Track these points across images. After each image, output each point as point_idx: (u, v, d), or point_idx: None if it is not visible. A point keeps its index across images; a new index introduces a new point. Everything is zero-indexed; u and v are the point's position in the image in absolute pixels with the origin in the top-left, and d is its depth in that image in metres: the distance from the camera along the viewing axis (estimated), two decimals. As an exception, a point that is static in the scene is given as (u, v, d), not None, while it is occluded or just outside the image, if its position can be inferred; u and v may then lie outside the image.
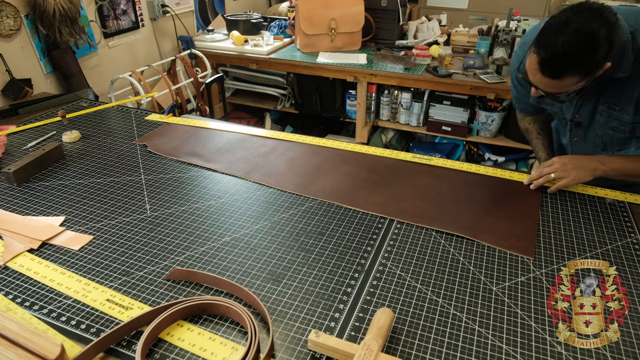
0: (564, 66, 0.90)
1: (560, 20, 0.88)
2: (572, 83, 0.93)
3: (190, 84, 2.72)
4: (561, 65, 0.90)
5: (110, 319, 0.78)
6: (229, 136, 1.43)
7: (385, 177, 1.21)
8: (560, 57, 0.89)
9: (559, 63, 0.90)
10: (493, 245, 0.96)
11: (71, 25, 1.93)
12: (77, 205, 1.10)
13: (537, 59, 0.93)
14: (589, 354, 0.73)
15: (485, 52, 2.62)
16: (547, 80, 0.94)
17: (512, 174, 1.23)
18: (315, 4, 2.56)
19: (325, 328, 0.77)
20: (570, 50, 0.87)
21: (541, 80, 0.96)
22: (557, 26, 0.88)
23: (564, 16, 0.89)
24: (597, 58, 0.88)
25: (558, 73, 0.91)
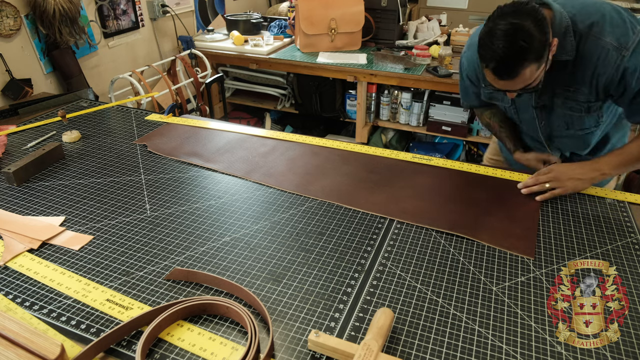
0: (515, 65, 0.94)
1: (488, 31, 0.94)
2: (534, 71, 0.95)
3: (190, 84, 2.72)
4: (512, 66, 0.94)
5: (110, 319, 0.78)
6: (229, 136, 1.43)
7: (385, 177, 1.21)
8: (506, 60, 0.93)
9: (509, 65, 0.94)
10: (493, 245, 0.96)
11: (71, 25, 1.93)
12: (77, 205, 1.10)
13: (491, 72, 0.97)
14: (589, 354, 0.73)
15: (485, 52, 2.61)
16: (510, 82, 0.98)
17: (512, 174, 1.23)
18: (315, 4, 2.56)
19: (325, 328, 0.77)
20: (511, 50, 0.92)
21: (506, 84, 0.99)
22: (488, 37, 0.94)
23: (487, 27, 0.95)
24: (537, 43, 0.92)
25: (514, 72, 0.95)
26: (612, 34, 0.99)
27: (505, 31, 0.91)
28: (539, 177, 1.12)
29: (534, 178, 1.13)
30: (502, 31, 0.92)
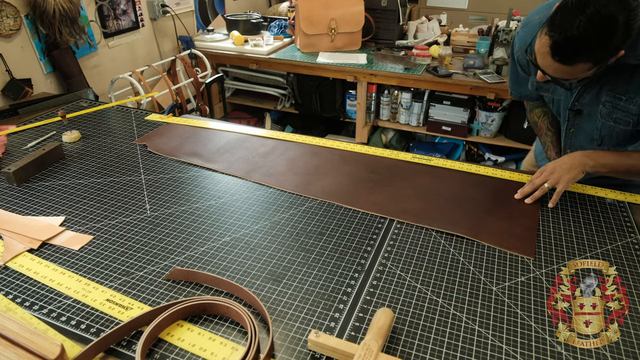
0: (578, 51, 0.84)
1: (579, 1, 0.82)
2: (583, 70, 0.88)
3: (190, 84, 2.72)
4: (575, 50, 0.84)
5: (110, 319, 0.78)
6: (229, 136, 1.43)
7: (385, 177, 1.21)
8: (575, 41, 0.83)
9: (573, 47, 0.84)
10: (493, 245, 0.96)
11: (71, 25, 1.93)
12: (77, 205, 1.10)
13: (550, 42, 0.86)
14: (589, 354, 0.73)
15: (485, 52, 2.62)
16: (557, 65, 0.88)
17: (512, 174, 1.23)
18: (315, 4, 2.56)
19: (325, 328, 0.77)
20: (586, 34, 0.81)
21: (551, 65, 0.90)
22: (575, 7, 0.82)
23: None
24: (613, 45, 0.83)
25: (570, 58, 0.86)
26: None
27: (594, 13, 0.80)
28: (534, 182, 1.08)
29: (530, 184, 1.08)
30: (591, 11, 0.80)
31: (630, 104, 0.96)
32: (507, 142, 2.59)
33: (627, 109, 0.97)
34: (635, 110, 0.96)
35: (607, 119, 1.01)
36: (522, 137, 2.53)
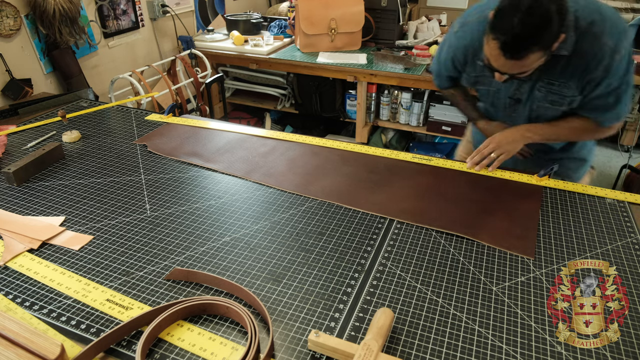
0: (526, 45, 0.92)
1: (512, 3, 0.91)
2: (536, 59, 0.95)
3: (190, 84, 2.72)
4: (523, 45, 0.92)
5: (110, 319, 0.79)
6: (229, 136, 1.43)
7: (385, 177, 1.21)
8: (520, 36, 0.91)
9: (520, 43, 0.91)
10: (493, 245, 0.96)
11: (71, 25, 1.93)
12: (77, 205, 1.10)
13: (498, 44, 0.94)
14: (589, 354, 0.73)
15: (485, 52, 2.61)
16: (512, 62, 0.96)
17: (512, 174, 1.23)
18: (315, 4, 2.56)
19: (325, 328, 0.77)
20: (528, 28, 0.89)
21: (505, 64, 0.98)
22: (510, 8, 0.91)
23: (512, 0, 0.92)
24: (552, 31, 0.91)
25: (521, 53, 0.93)
26: (611, 35, 1.00)
27: (529, 7, 0.89)
28: (482, 151, 1.18)
29: (479, 154, 1.19)
30: (526, 6, 0.89)
31: (563, 88, 1.09)
32: (507, 142, 2.59)
33: (561, 92, 1.10)
34: (569, 94, 1.09)
35: (543, 101, 1.14)
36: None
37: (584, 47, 1.01)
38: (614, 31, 1.00)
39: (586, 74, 1.05)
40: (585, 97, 1.10)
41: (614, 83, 1.05)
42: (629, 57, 1.04)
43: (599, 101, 1.09)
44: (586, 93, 1.08)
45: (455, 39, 1.20)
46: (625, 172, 2.78)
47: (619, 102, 1.09)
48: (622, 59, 1.02)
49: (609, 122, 1.14)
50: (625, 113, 1.11)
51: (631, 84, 1.07)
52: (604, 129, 1.15)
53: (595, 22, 1.00)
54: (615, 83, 1.05)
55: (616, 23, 1.01)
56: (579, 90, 1.09)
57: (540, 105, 1.15)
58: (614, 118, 1.13)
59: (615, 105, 1.09)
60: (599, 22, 1.00)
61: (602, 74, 1.03)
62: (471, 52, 1.17)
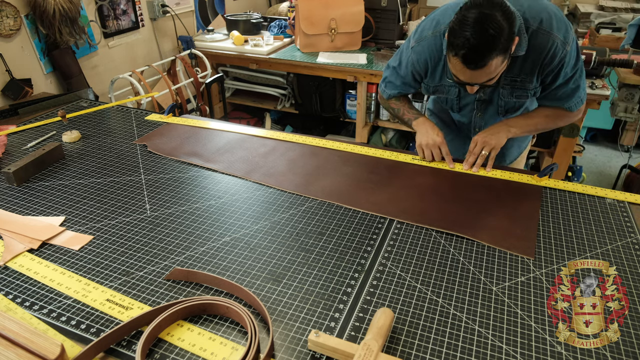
0: (484, 53, 0.97)
1: (460, 19, 0.98)
2: (498, 64, 1.01)
3: (190, 84, 2.72)
4: (482, 54, 0.97)
5: (110, 319, 0.78)
6: (229, 136, 1.43)
7: (385, 177, 1.21)
8: (478, 47, 0.96)
9: (479, 52, 0.97)
10: (493, 245, 0.96)
11: (71, 25, 1.93)
12: (77, 205, 1.10)
13: (460, 59, 1.00)
14: (589, 354, 0.73)
15: (485, 52, 2.61)
16: (477, 72, 1.02)
17: (512, 174, 1.23)
18: (315, 4, 2.56)
19: (325, 328, 0.77)
20: (482, 37, 0.95)
21: (472, 75, 1.03)
22: (459, 25, 0.97)
23: (459, 16, 0.98)
24: (504, 35, 0.96)
25: (482, 61, 0.98)
26: (559, 29, 1.09)
27: (476, 19, 0.95)
28: (474, 152, 1.24)
29: (472, 155, 1.24)
30: (473, 20, 0.95)
31: (526, 83, 1.18)
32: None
33: (524, 86, 1.19)
34: (531, 86, 1.18)
35: (509, 97, 1.23)
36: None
37: (538, 43, 1.09)
38: (561, 25, 1.09)
39: (545, 68, 1.13)
40: (548, 89, 1.20)
41: (569, 72, 1.14)
42: (576, 45, 1.14)
43: (561, 90, 1.18)
44: (547, 84, 1.18)
45: (414, 54, 1.25)
46: (625, 172, 2.78)
47: (578, 87, 1.19)
48: (572, 49, 1.11)
49: (575, 107, 1.23)
50: (585, 95, 1.23)
51: (583, 69, 1.18)
52: (573, 114, 1.25)
53: (543, 20, 1.08)
54: (570, 71, 1.15)
55: (561, 18, 1.10)
56: (539, 81, 1.18)
57: (507, 100, 1.24)
58: (579, 102, 1.23)
59: (576, 90, 1.19)
60: (546, 20, 1.08)
61: (558, 65, 1.12)
62: (431, 65, 1.24)
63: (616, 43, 3.01)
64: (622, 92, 2.40)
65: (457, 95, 1.30)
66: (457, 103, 1.33)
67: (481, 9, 0.96)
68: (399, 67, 1.34)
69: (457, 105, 1.34)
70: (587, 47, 2.38)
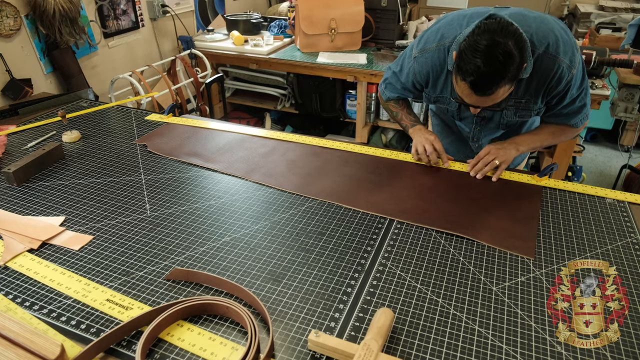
0: (493, 81, 0.97)
1: (471, 44, 0.97)
2: (505, 91, 1.01)
3: (190, 84, 2.72)
4: (490, 82, 0.97)
5: (110, 319, 0.79)
6: (229, 136, 1.43)
7: (385, 177, 1.21)
8: (487, 75, 0.96)
9: (488, 81, 0.97)
10: (493, 245, 0.96)
11: (71, 25, 1.93)
12: (77, 205, 1.10)
13: (468, 85, 1.00)
14: (589, 354, 0.73)
15: (485, 52, 2.61)
16: (484, 98, 1.02)
17: (512, 174, 1.23)
18: (315, 4, 2.56)
19: (325, 328, 0.77)
20: (491, 67, 0.95)
21: (478, 100, 1.04)
22: (470, 50, 0.97)
23: (471, 40, 0.97)
24: (515, 64, 0.96)
25: (491, 89, 0.99)
26: (565, 53, 1.08)
27: (488, 47, 0.94)
28: (485, 159, 1.22)
29: (482, 162, 1.22)
30: (485, 47, 0.94)
31: (530, 103, 1.18)
32: (507, 142, 2.59)
33: (528, 107, 1.20)
34: (535, 107, 1.19)
35: (512, 117, 1.25)
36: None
37: (544, 67, 1.09)
38: (567, 49, 1.08)
39: (551, 91, 1.13)
40: (554, 109, 1.20)
41: (575, 93, 1.15)
42: (582, 66, 1.14)
43: (568, 109, 1.19)
44: (554, 105, 1.19)
45: (417, 64, 1.25)
46: (625, 172, 2.78)
47: (584, 105, 1.20)
48: (578, 71, 1.11)
49: (580, 123, 1.25)
50: (589, 111, 1.24)
51: (588, 87, 1.19)
52: (577, 129, 1.27)
53: (550, 45, 1.07)
54: (576, 92, 1.15)
55: (567, 41, 1.09)
56: (543, 103, 1.19)
57: (509, 120, 1.26)
58: (584, 118, 1.24)
59: (582, 108, 1.20)
60: (553, 44, 1.07)
61: (564, 89, 1.12)
62: (432, 77, 1.24)
63: (616, 43, 3.02)
64: (622, 92, 2.40)
65: (458, 107, 1.30)
66: (458, 114, 1.34)
67: (494, 35, 0.94)
68: (400, 73, 1.33)
69: (458, 115, 1.35)
70: (587, 47, 2.39)
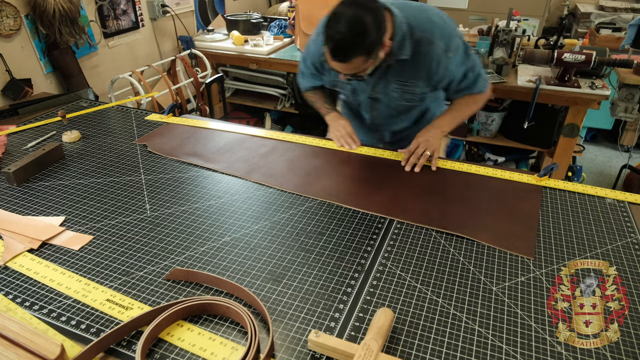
0: (347, 50, 1.04)
1: (335, 14, 1.04)
2: (361, 62, 1.07)
3: (190, 84, 2.72)
4: (345, 50, 1.04)
5: (110, 319, 0.79)
6: (229, 136, 1.43)
7: (385, 177, 1.21)
8: (342, 44, 1.03)
9: (342, 49, 1.04)
10: (493, 245, 0.96)
11: (71, 25, 1.93)
12: (77, 205, 1.10)
13: (328, 50, 1.07)
14: (589, 354, 0.73)
15: (485, 52, 2.62)
16: (341, 64, 1.08)
17: (512, 174, 1.23)
18: (315, 4, 2.56)
19: (325, 328, 0.77)
20: (348, 36, 1.02)
21: (338, 66, 1.10)
22: (334, 19, 1.04)
23: (337, 10, 1.04)
24: (371, 39, 1.03)
25: (345, 57, 1.05)
26: (442, 38, 1.17)
27: (348, 19, 1.02)
28: (417, 152, 1.27)
29: (414, 156, 1.26)
30: (345, 18, 1.02)
31: (414, 87, 1.26)
32: (507, 142, 2.59)
33: (413, 91, 1.27)
34: (419, 91, 1.27)
35: (400, 100, 1.31)
36: (522, 137, 2.54)
37: (422, 51, 1.18)
38: (444, 34, 1.18)
39: (431, 74, 1.22)
40: (450, 90, 1.32)
41: (460, 73, 1.24)
42: (463, 49, 1.23)
43: (463, 84, 1.29)
44: (446, 87, 1.30)
45: (314, 46, 1.34)
46: (625, 172, 2.78)
47: (478, 74, 1.29)
48: (456, 53, 1.20)
49: (484, 87, 1.33)
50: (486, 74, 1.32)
51: (475, 59, 1.27)
52: (485, 94, 1.35)
53: (426, 30, 1.17)
54: (462, 70, 1.24)
55: (444, 27, 1.18)
56: (429, 87, 1.26)
57: (398, 103, 1.32)
58: (484, 83, 1.33)
59: (478, 77, 1.29)
60: (429, 30, 1.17)
61: (444, 72, 1.21)
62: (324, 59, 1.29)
63: (616, 43, 3.02)
64: (622, 92, 2.40)
65: (353, 91, 1.37)
66: (354, 99, 1.41)
67: (356, 9, 1.02)
68: (306, 60, 1.42)
69: (355, 101, 1.42)
70: (587, 47, 2.38)
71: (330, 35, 1.04)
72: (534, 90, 2.18)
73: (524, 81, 2.27)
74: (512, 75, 2.37)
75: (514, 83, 2.28)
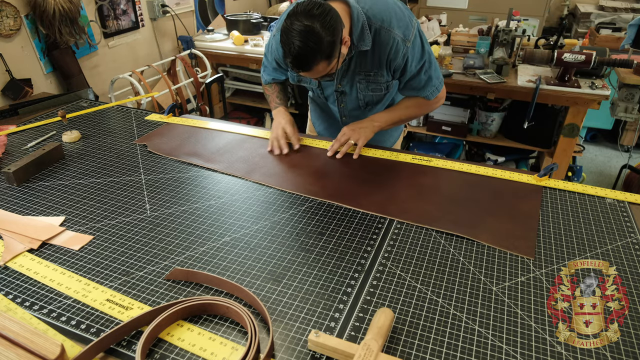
0: (307, 60, 1.06)
1: (286, 29, 1.05)
2: (324, 67, 1.09)
3: (190, 84, 2.72)
4: (304, 61, 1.06)
5: (110, 319, 0.79)
6: (229, 136, 1.43)
7: (385, 177, 1.21)
8: (300, 56, 1.05)
9: (301, 60, 1.06)
10: (493, 245, 0.96)
11: (71, 25, 1.94)
12: (77, 205, 1.10)
13: (289, 63, 1.09)
14: (589, 354, 0.73)
15: (485, 52, 2.62)
16: (307, 73, 1.11)
17: (512, 174, 1.23)
18: (315, 4, 2.56)
19: (325, 328, 0.77)
20: (302, 49, 1.03)
21: (304, 74, 1.13)
22: (285, 34, 1.05)
23: (286, 24, 1.05)
24: (326, 43, 1.03)
25: (307, 66, 1.07)
26: (399, 27, 1.18)
27: (299, 32, 1.02)
28: (341, 140, 1.31)
29: (337, 143, 1.31)
30: (296, 32, 1.02)
31: (378, 77, 1.27)
32: (507, 142, 2.59)
33: (377, 80, 1.28)
34: (383, 80, 1.28)
35: (366, 91, 1.32)
36: (522, 137, 2.54)
37: (381, 40, 1.18)
38: (401, 24, 1.18)
39: (391, 62, 1.22)
40: (402, 82, 1.30)
41: (415, 65, 1.24)
42: (421, 41, 1.22)
43: (414, 82, 1.28)
44: (399, 78, 1.28)
45: (275, 43, 1.33)
46: (625, 172, 2.78)
47: (430, 77, 1.28)
48: (414, 45, 1.20)
49: (432, 95, 1.33)
50: (440, 84, 1.32)
51: (433, 61, 1.27)
52: (431, 102, 1.36)
53: (384, 20, 1.17)
54: (417, 65, 1.24)
55: (401, 17, 1.19)
56: (390, 75, 1.27)
57: (364, 94, 1.34)
58: (434, 91, 1.32)
59: (429, 81, 1.29)
60: (387, 19, 1.17)
61: (402, 61, 1.22)
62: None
63: (616, 43, 3.02)
64: (622, 92, 2.40)
65: (318, 85, 1.38)
66: (321, 93, 1.41)
67: (303, 19, 1.02)
68: (268, 53, 1.42)
69: (322, 95, 1.42)
70: (587, 47, 2.39)
71: (287, 51, 1.06)
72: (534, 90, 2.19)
73: (524, 81, 2.27)
74: (512, 75, 2.37)
75: (514, 83, 2.28)
